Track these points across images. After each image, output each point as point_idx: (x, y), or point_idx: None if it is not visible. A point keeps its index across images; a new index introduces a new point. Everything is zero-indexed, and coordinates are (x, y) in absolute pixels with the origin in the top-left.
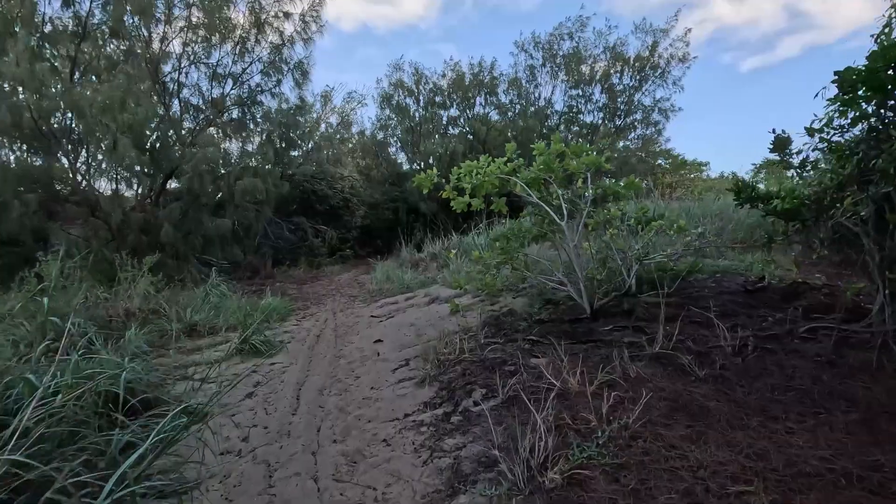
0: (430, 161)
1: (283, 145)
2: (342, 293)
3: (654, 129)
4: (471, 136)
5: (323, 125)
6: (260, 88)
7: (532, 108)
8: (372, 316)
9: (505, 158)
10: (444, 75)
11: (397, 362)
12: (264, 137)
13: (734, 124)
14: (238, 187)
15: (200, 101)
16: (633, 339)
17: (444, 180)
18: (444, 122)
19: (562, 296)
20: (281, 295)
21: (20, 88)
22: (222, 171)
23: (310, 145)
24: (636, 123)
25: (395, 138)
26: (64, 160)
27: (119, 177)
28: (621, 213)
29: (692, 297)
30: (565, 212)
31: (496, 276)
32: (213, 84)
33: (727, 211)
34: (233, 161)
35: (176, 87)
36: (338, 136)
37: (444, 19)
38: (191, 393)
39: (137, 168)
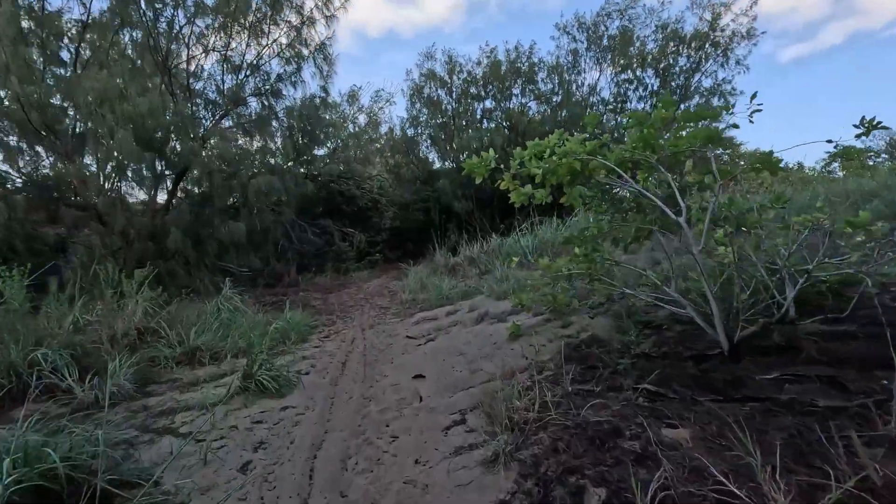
0: (463, 158)
1: (306, 140)
2: (371, 304)
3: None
4: (507, 130)
5: (350, 125)
6: (279, 77)
7: (576, 97)
8: (408, 337)
9: (582, 137)
10: (479, 62)
11: (448, 414)
12: (284, 132)
13: (777, 114)
14: (253, 186)
15: (214, 93)
16: (833, 403)
17: (502, 166)
18: (479, 115)
19: (663, 316)
20: (303, 307)
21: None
22: (238, 170)
23: (336, 143)
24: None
25: (427, 135)
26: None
27: (122, 176)
28: (754, 207)
29: (874, 321)
30: (682, 203)
31: (567, 288)
32: (227, 73)
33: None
34: (250, 158)
35: (186, 78)
36: (366, 135)
37: (470, 21)
38: (167, 459)
39: (142, 167)
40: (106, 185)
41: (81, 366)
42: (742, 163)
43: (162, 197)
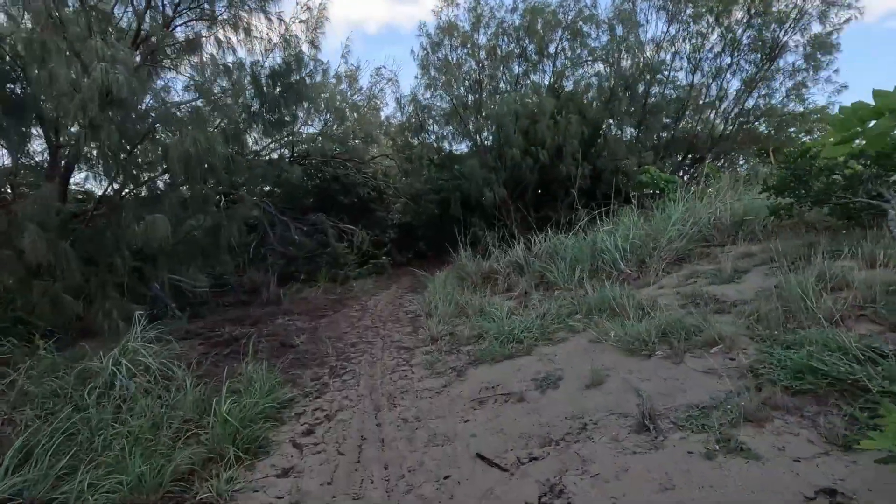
0: (488, 134)
1: (279, 90)
2: (383, 336)
3: (807, 76)
4: (556, 94)
5: (341, 85)
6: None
7: (635, 56)
8: (481, 456)
9: None
10: (513, 9)
11: None
12: (242, 83)
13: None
14: (176, 151)
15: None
16: None
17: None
18: (516, 78)
19: None
20: (275, 355)
21: None
22: (153, 125)
23: (328, 117)
24: (781, 72)
25: (441, 113)
26: None
27: None
28: None
29: None
30: None
31: None
32: None
33: None
34: (175, 103)
35: None
36: (367, 105)
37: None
38: None
39: None
40: None
41: None
42: None
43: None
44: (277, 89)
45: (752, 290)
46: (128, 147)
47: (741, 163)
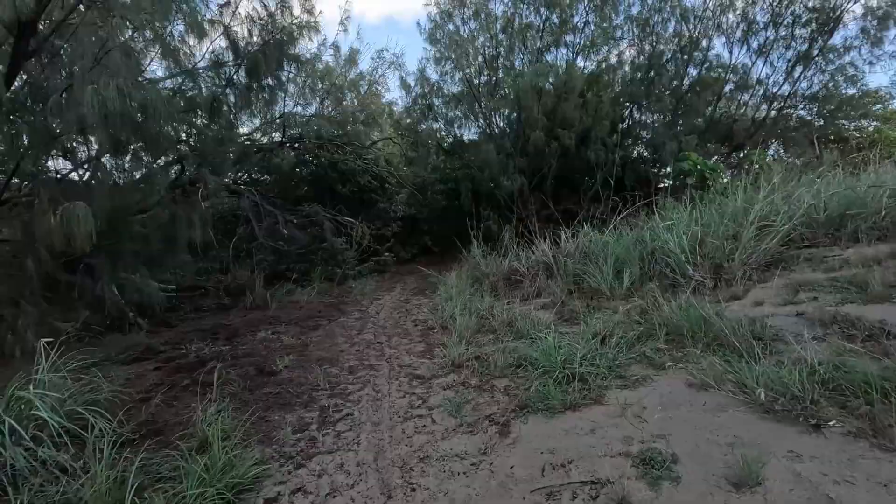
0: (504, 116)
1: (259, 46)
2: (389, 357)
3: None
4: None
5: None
6: None
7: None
8: None
9: None
10: None
11: None
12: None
13: None
14: (92, 98)
15: None
16: None
17: None
18: (537, 52)
19: None
20: (248, 387)
21: None
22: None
23: (323, 94)
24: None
25: (451, 93)
26: None
27: None
28: None
29: None
30: None
31: None
32: None
33: None
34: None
35: None
36: (365, 82)
37: None
38: None
39: None
40: None
41: None
42: None
43: None
44: (255, 39)
45: None
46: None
47: (775, 152)
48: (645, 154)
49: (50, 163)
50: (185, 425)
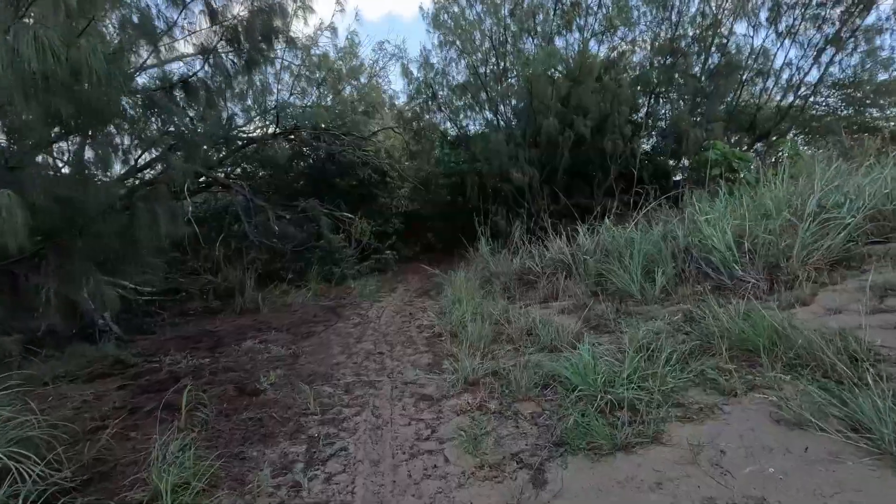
0: (513, 105)
1: (249, 10)
2: (391, 371)
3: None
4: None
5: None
6: None
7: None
8: None
9: None
10: None
11: None
12: None
13: None
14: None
15: None
16: None
17: None
18: (549, 36)
19: None
20: (221, 417)
21: None
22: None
23: (321, 81)
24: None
25: (456, 81)
26: None
27: None
28: None
29: None
30: None
31: None
32: None
33: None
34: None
35: None
36: (365, 70)
37: None
38: None
39: None
40: None
41: None
42: None
43: None
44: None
45: None
46: None
47: (788, 143)
48: (664, 144)
49: None
50: (139, 465)
